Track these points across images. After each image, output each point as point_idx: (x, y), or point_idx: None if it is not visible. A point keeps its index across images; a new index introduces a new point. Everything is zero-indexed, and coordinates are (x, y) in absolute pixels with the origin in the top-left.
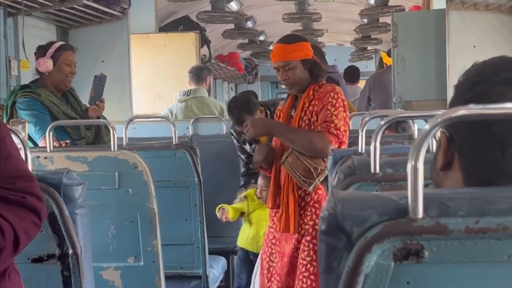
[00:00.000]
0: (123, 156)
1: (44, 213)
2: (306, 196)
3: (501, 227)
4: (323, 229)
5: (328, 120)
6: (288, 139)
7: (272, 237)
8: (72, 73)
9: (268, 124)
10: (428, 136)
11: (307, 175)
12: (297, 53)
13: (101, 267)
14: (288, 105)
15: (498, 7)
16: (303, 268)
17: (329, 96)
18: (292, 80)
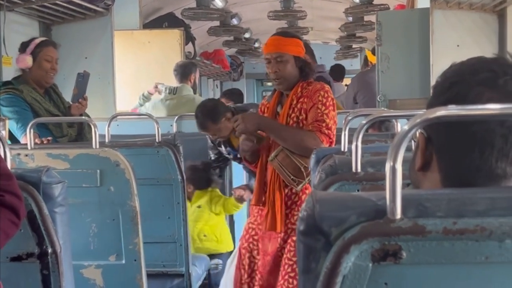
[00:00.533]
0: (105, 153)
1: (23, 212)
2: (293, 195)
3: (478, 228)
4: (301, 230)
5: (320, 119)
6: (280, 137)
7: (254, 234)
8: (53, 69)
9: (259, 120)
10: (406, 137)
11: (297, 174)
12: (291, 48)
13: (82, 265)
14: (274, 101)
15: (482, 6)
16: (289, 268)
17: (319, 95)
18: (282, 73)
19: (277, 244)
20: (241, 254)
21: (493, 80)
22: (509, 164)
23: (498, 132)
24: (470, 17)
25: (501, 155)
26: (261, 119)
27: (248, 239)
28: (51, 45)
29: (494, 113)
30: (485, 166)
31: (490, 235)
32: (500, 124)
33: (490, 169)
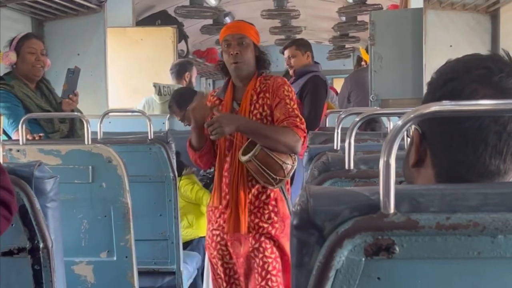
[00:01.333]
0: (97, 150)
1: (14, 207)
2: (260, 194)
3: (471, 224)
4: (295, 224)
5: (292, 115)
6: (261, 136)
7: (220, 239)
8: (38, 60)
9: (237, 122)
10: (400, 132)
11: (277, 172)
12: (252, 33)
13: (73, 261)
14: (229, 96)
15: (475, 7)
16: (270, 266)
17: (284, 90)
18: (243, 56)
19: (249, 244)
20: (213, 264)
21: (488, 77)
22: (503, 161)
23: (492, 129)
24: (463, 18)
25: (495, 152)
26: (239, 120)
27: (216, 246)
28: (33, 37)
29: (488, 109)
30: (478, 163)
31: (482, 230)
32: (494, 121)
33: (484, 165)
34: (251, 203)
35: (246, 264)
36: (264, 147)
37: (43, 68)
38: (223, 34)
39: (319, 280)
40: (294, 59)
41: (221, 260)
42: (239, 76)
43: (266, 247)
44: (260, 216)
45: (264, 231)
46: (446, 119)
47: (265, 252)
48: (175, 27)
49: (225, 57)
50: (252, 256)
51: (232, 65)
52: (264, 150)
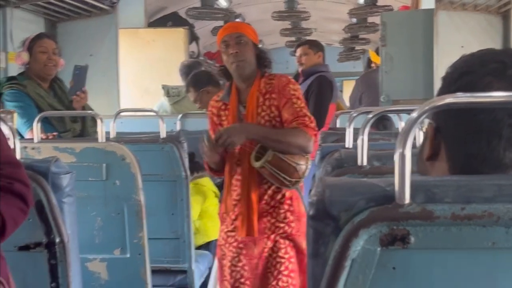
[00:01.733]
0: (111, 147)
1: (30, 200)
2: (275, 194)
3: (486, 214)
4: (311, 214)
5: (301, 114)
6: (272, 140)
7: (234, 241)
8: (50, 59)
9: (246, 130)
10: (415, 124)
11: (292, 175)
12: (250, 31)
13: (87, 258)
14: (234, 101)
15: (486, 7)
16: (282, 266)
17: (290, 89)
18: (243, 54)
19: (263, 245)
20: (222, 265)
21: (502, 71)
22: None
23: (506, 122)
24: (474, 18)
25: (509, 145)
26: (246, 128)
27: (229, 247)
28: (45, 36)
29: (502, 101)
30: (492, 156)
31: (497, 220)
32: (508, 114)
33: (498, 158)
34: (266, 203)
35: (261, 265)
36: (276, 151)
37: (55, 67)
38: (220, 36)
39: (335, 269)
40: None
41: (230, 262)
42: (241, 75)
43: (281, 247)
44: (276, 216)
45: (280, 231)
46: (460, 112)
47: (278, 252)
48: (186, 28)
49: (224, 58)
50: (266, 256)
51: (233, 65)
52: (277, 154)
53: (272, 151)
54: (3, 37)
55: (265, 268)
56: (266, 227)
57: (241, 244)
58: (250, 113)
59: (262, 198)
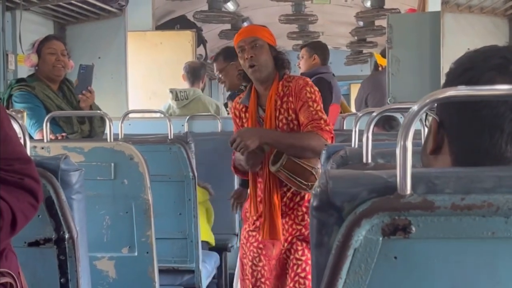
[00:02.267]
0: (119, 147)
1: (41, 195)
2: (294, 196)
3: (486, 204)
4: (314, 205)
5: (316, 118)
6: (285, 145)
7: (254, 241)
8: (58, 60)
9: (259, 134)
10: (417, 116)
11: (308, 178)
12: (266, 34)
13: (95, 257)
14: (254, 104)
15: (493, 10)
16: (299, 268)
17: (306, 92)
18: (258, 58)
19: (281, 246)
20: (243, 264)
21: (505, 66)
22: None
23: (508, 116)
24: (480, 21)
25: (511, 139)
26: (260, 132)
27: (249, 247)
28: (53, 38)
29: (503, 94)
30: (494, 149)
31: (496, 210)
32: (510, 108)
33: (500, 152)
34: (285, 205)
35: (279, 266)
36: (290, 155)
37: (64, 68)
38: (236, 41)
39: (338, 258)
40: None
41: (251, 261)
42: (258, 79)
43: (298, 249)
44: (294, 218)
45: (297, 233)
46: (463, 106)
47: (295, 254)
48: (194, 31)
49: (241, 63)
50: (284, 258)
51: (249, 70)
52: (291, 158)
53: (286, 155)
54: (13, 40)
55: (283, 269)
56: (284, 228)
57: (261, 245)
58: (269, 116)
59: (282, 200)
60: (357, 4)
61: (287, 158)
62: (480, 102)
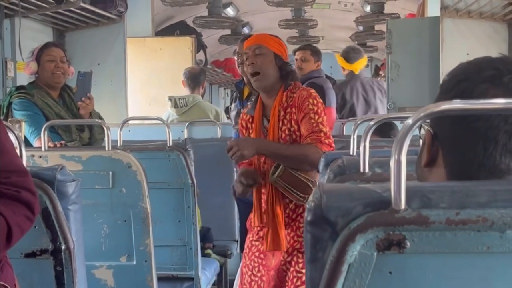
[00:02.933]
0: (117, 155)
1: (37, 208)
2: (297, 208)
3: (480, 219)
4: (308, 220)
5: (316, 130)
6: (282, 156)
7: (256, 250)
8: (57, 67)
9: (256, 145)
10: (411, 130)
11: (305, 190)
12: (272, 43)
13: (93, 265)
14: (259, 115)
15: (492, 15)
16: (298, 281)
17: (309, 103)
18: (259, 66)
19: (280, 257)
20: (243, 273)
21: (498, 78)
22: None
23: (502, 128)
24: (480, 26)
25: (505, 151)
26: (257, 142)
27: (251, 256)
28: (53, 45)
29: (498, 107)
30: (488, 162)
31: (491, 225)
32: (504, 120)
33: (494, 164)
34: (288, 216)
35: (277, 277)
36: (287, 166)
37: (63, 75)
38: (244, 48)
39: (332, 274)
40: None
41: (251, 271)
42: (259, 87)
43: (298, 261)
44: (295, 229)
45: (298, 246)
46: (457, 119)
47: (296, 266)
48: (193, 37)
49: (245, 70)
50: (283, 269)
51: (250, 78)
52: (288, 170)
53: (284, 167)
54: (12, 47)
55: (282, 281)
56: (286, 239)
57: (262, 255)
58: (272, 127)
59: (285, 211)
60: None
61: (284, 170)
62: (474, 114)
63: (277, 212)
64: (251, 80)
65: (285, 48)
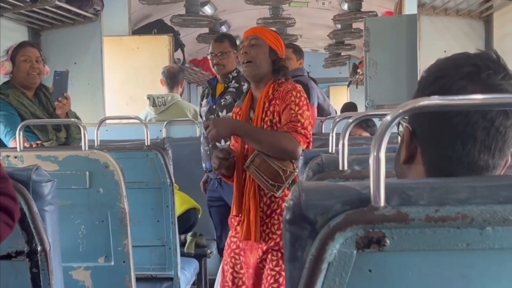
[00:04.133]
0: (94, 155)
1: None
2: (272, 204)
3: (460, 216)
4: (287, 219)
5: (294, 119)
6: (255, 140)
7: (235, 247)
8: (33, 67)
9: (232, 124)
10: (389, 127)
11: (275, 178)
12: (269, 36)
13: (71, 267)
14: (246, 106)
15: (468, 12)
16: (272, 279)
17: (291, 95)
18: (252, 55)
19: (257, 255)
20: (224, 271)
21: (476, 74)
22: (491, 156)
23: (480, 124)
24: (457, 23)
25: (483, 147)
26: (233, 122)
27: (230, 253)
28: (28, 45)
29: (476, 103)
30: (467, 158)
31: (471, 222)
32: (482, 117)
33: (473, 161)
34: (262, 211)
35: (255, 275)
36: (261, 152)
37: (39, 76)
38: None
39: (312, 273)
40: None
41: (232, 268)
42: (249, 76)
43: (273, 258)
44: (270, 226)
45: (272, 243)
46: (436, 116)
47: (270, 264)
48: (171, 35)
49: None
50: (260, 267)
51: (243, 65)
52: (261, 155)
53: (257, 152)
54: None
55: (260, 278)
56: (261, 236)
57: (242, 252)
58: (256, 117)
59: (259, 205)
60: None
61: (257, 154)
62: (452, 111)
63: (251, 202)
64: (243, 67)
65: (282, 44)
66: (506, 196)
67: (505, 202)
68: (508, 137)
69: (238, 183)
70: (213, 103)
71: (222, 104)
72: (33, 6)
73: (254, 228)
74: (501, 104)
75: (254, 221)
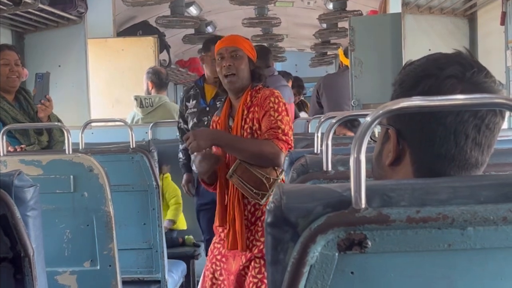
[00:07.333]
0: (78, 159)
1: None
2: (256, 211)
3: (441, 216)
4: (269, 222)
5: (274, 126)
6: (236, 149)
7: (217, 253)
8: (12, 71)
9: (212, 135)
10: (369, 129)
11: (259, 187)
12: (247, 46)
13: (56, 271)
14: (225, 114)
15: (453, 11)
16: (254, 286)
17: (270, 101)
18: (236, 68)
19: (240, 262)
20: (205, 276)
21: (462, 73)
22: (481, 153)
23: (471, 122)
24: (441, 22)
25: (474, 144)
26: (213, 133)
27: (212, 259)
28: (6, 48)
29: (457, 103)
30: (460, 155)
31: (452, 222)
32: (474, 115)
33: (464, 158)
34: (247, 219)
35: (237, 282)
36: (243, 161)
37: (18, 79)
38: (217, 48)
39: (294, 276)
40: None
41: (212, 274)
42: (231, 89)
43: (255, 266)
44: (254, 233)
45: (256, 250)
46: (428, 115)
47: (252, 271)
48: (156, 37)
49: (217, 70)
50: (242, 274)
51: (224, 78)
52: (243, 164)
53: (239, 161)
54: None
55: (241, 286)
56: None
57: (224, 258)
58: (235, 126)
59: (244, 213)
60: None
61: (239, 164)
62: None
63: (235, 212)
64: (224, 80)
65: (255, 51)
66: (487, 196)
67: (485, 202)
68: (496, 134)
69: (221, 193)
70: (206, 105)
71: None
72: (16, 9)
73: (240, 237)
74: (481, 104)
75: (240, 231)
